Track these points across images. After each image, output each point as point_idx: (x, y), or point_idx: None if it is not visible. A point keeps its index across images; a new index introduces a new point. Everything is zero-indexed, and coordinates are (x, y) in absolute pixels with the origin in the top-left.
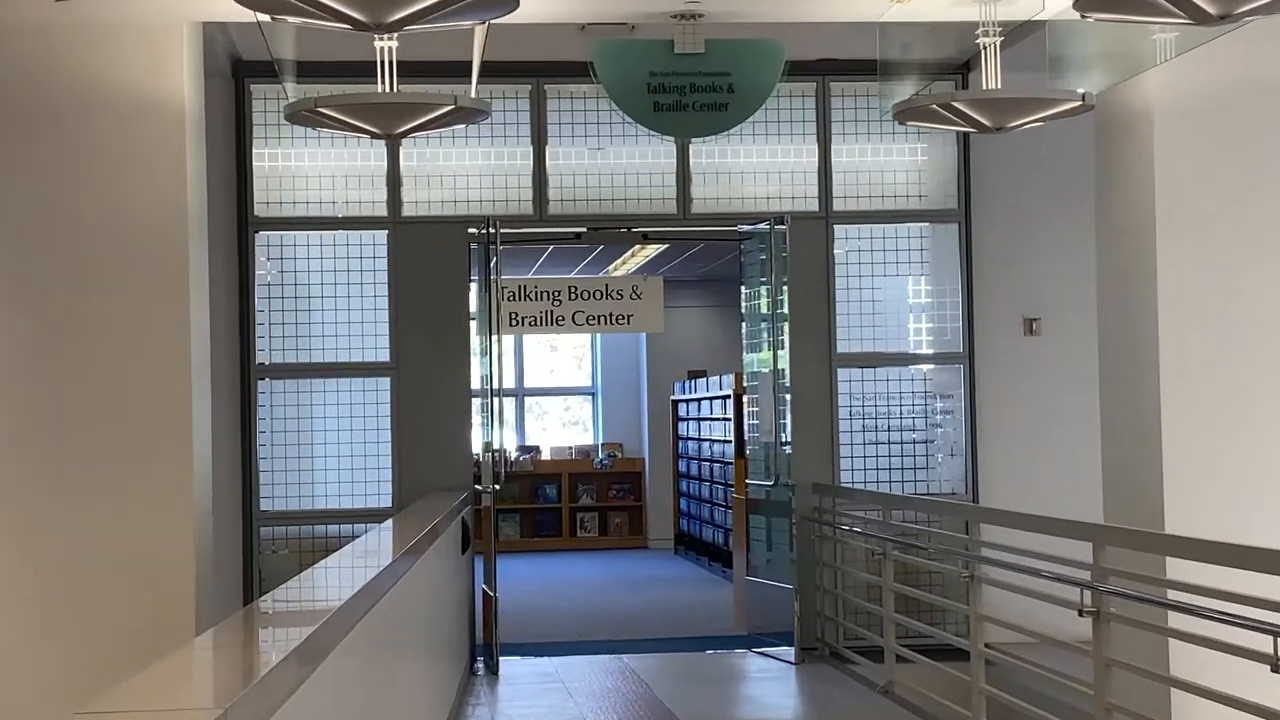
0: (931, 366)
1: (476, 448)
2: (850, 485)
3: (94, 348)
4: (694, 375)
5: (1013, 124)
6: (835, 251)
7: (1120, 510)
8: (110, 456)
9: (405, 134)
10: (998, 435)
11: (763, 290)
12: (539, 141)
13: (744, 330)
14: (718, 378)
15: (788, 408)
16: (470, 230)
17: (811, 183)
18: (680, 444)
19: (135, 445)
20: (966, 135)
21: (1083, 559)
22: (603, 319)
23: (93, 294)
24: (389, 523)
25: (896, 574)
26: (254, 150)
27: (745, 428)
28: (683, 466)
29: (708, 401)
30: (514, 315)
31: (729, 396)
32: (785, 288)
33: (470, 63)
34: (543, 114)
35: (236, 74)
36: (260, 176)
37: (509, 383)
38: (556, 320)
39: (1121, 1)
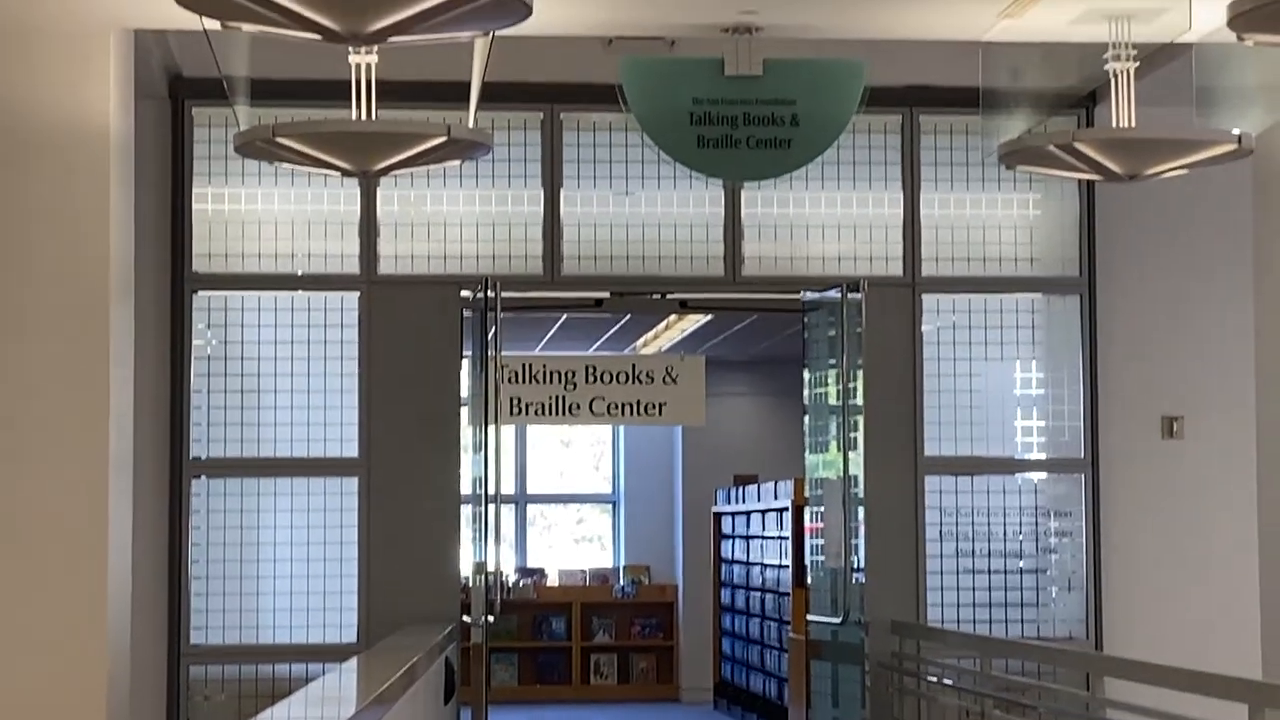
0: (1044, 476)
1: (465, 568)
2: (940, 625)
3: None
4: (742, 481)
5: (1150, 171)
6: (923, 328)
7: None
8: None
9: (385, 171)
10: (1128, 564)
11: (831, 375)
12: (552, 184)
13: (807, 425)
14: (772, 485)
15: (861, 525)
16: (464, 293)
17: (895, 241)
18: (723, 568)
19: (33, 561)
20: (1091, 185)
21: None
22: (628, 408)
23: None
24: (353, 662)
25: None
26: (194, 189)
27: (807, 549)
28: (725, 597)
29: (759, 515)
30: (516, 401)
31: (786, 509)
32: (859, 372)
33: (468, 84)
34: (557, 149)
35: (175, 93)
36: (201, 222)
37: (508, 487)
38: (570, 409)
39: None
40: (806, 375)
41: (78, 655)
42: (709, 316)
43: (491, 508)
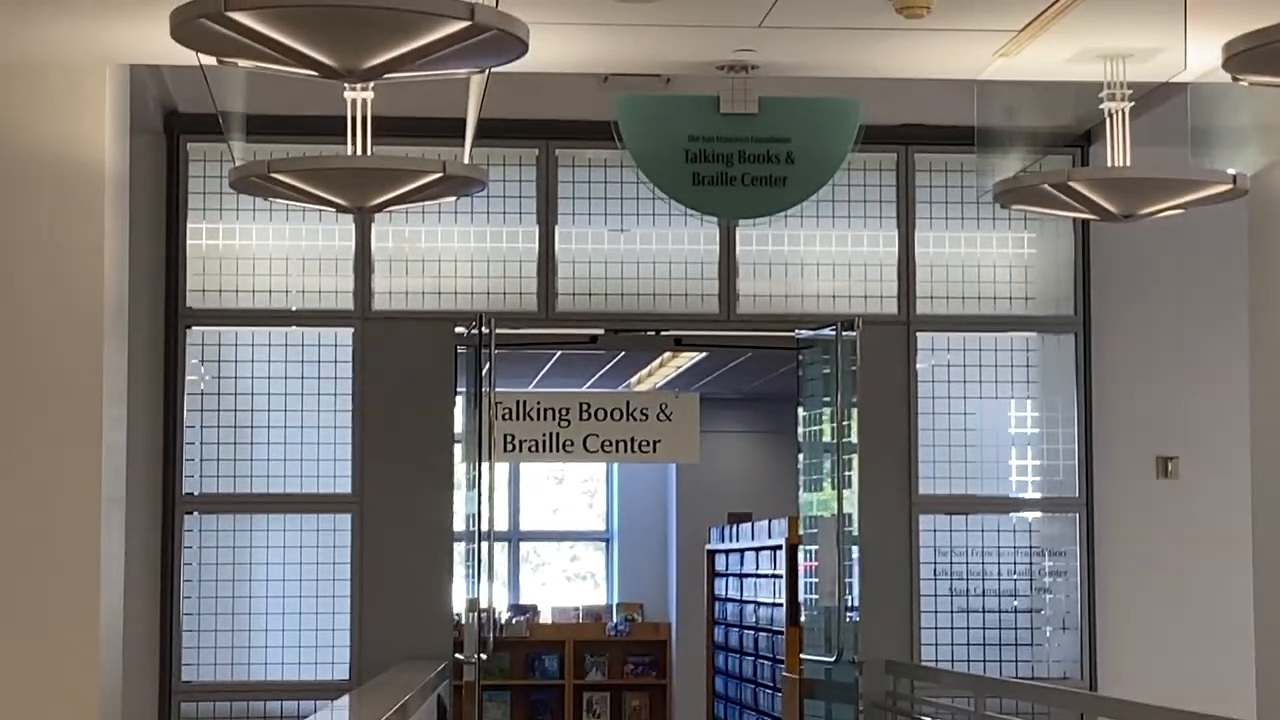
0: (1038, 515)
1: (458, 606)
2: (934, 664)
3: None
4: (736, 519)
5: (1146, 211)
6: (918, 366)
7: (1278, 704)
8: None
9: (380, 207)
10: (1123, 604)
11: (825, 413)
12: (546, 220)
13: (801, 463)
14: (766, 523)
15: (855, 563)
16: (458, 330)
17: (890, 279)
18: (717, 606)
19: (25, 597)
20: (1086, 224)
21: None
22: (622, 445)
23: None
24: (345, 700)
25: None
26: (189, 224)
27: (801, 588)
28: (719, 636)
29: (753, 553)
30: (510, 438)
31: (780, 547)
32: (854, 410)
33: (463, 121)
34: (552, 185)
35: (170, 129)
36: (195, 258)
37: (501, 524)
38: (563, 446)
39: None
40: (801, 413)
41: (69, 692)
42: (703, 354)
43: (484, 545)
